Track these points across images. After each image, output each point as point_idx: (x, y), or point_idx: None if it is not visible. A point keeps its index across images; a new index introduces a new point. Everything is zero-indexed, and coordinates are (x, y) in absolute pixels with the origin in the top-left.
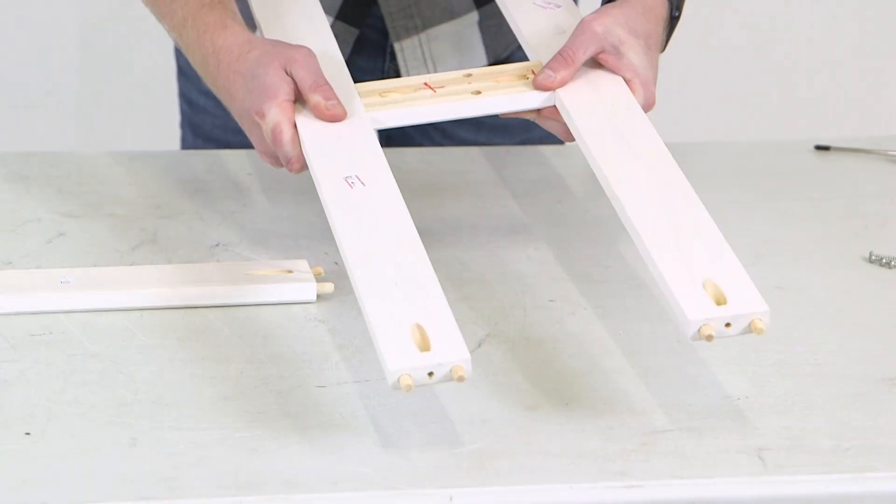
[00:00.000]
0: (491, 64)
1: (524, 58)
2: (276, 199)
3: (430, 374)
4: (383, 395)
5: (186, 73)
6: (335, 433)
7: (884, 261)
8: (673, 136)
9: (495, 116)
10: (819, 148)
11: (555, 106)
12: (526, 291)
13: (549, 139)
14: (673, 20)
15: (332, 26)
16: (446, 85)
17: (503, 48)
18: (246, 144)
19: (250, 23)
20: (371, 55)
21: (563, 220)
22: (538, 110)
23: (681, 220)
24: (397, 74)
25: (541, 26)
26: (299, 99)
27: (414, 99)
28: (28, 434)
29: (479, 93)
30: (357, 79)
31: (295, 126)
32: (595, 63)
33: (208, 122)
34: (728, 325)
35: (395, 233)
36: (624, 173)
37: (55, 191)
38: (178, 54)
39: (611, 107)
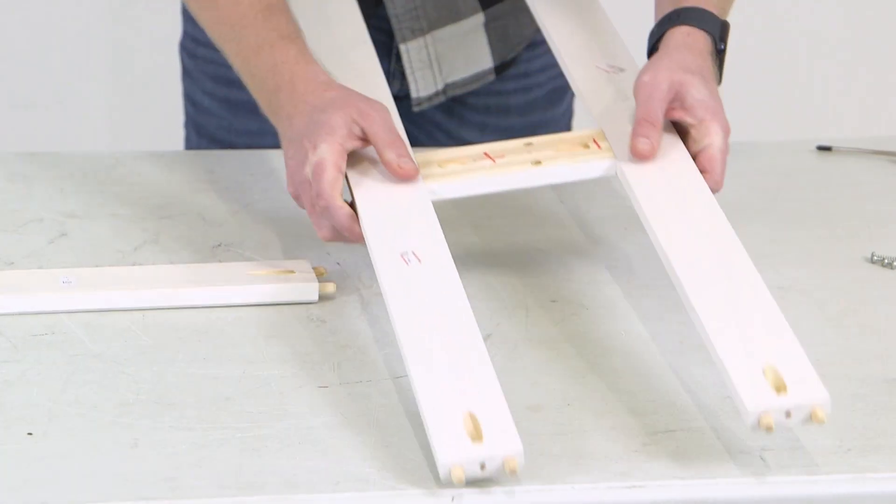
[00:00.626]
0: (497, 65)
1: (530, 59)
2: (278, 200)
3: (482, 465)
4: (384, 395)
5: (191, 74)
6: (336, 433)
7: (885, 261)
8: None
9: (500, 114)
10: (821, 148)
11: None
12: (528, 291)
13: None
14: (720, 53)
15: None
16: (506, 154)
17: (509, 50)
18: (249, 145)
19: None
20: (376, 56)
21: (566, 221)
22: None
23: (741, 300)
24: (402, 76)
25: (604, 92)
26: (355, 154)
27: (473, 170)
28: (30, 434)
29: (539, 163)
30: None
31: (338, 170)
32: None
33: (212, 123)
34: (788, 414)
35: (450, 314)
36: (686, 253)
37: (57, 191)
38: (184, 54)
39: (674, 179)
